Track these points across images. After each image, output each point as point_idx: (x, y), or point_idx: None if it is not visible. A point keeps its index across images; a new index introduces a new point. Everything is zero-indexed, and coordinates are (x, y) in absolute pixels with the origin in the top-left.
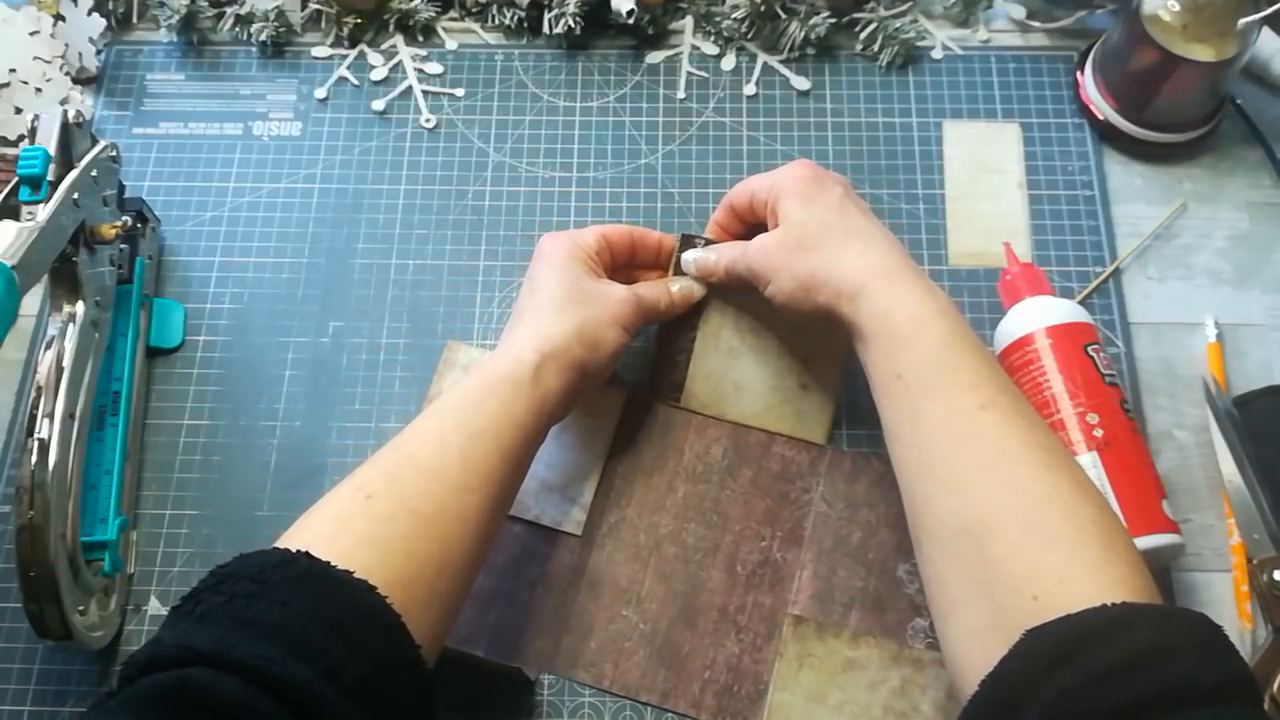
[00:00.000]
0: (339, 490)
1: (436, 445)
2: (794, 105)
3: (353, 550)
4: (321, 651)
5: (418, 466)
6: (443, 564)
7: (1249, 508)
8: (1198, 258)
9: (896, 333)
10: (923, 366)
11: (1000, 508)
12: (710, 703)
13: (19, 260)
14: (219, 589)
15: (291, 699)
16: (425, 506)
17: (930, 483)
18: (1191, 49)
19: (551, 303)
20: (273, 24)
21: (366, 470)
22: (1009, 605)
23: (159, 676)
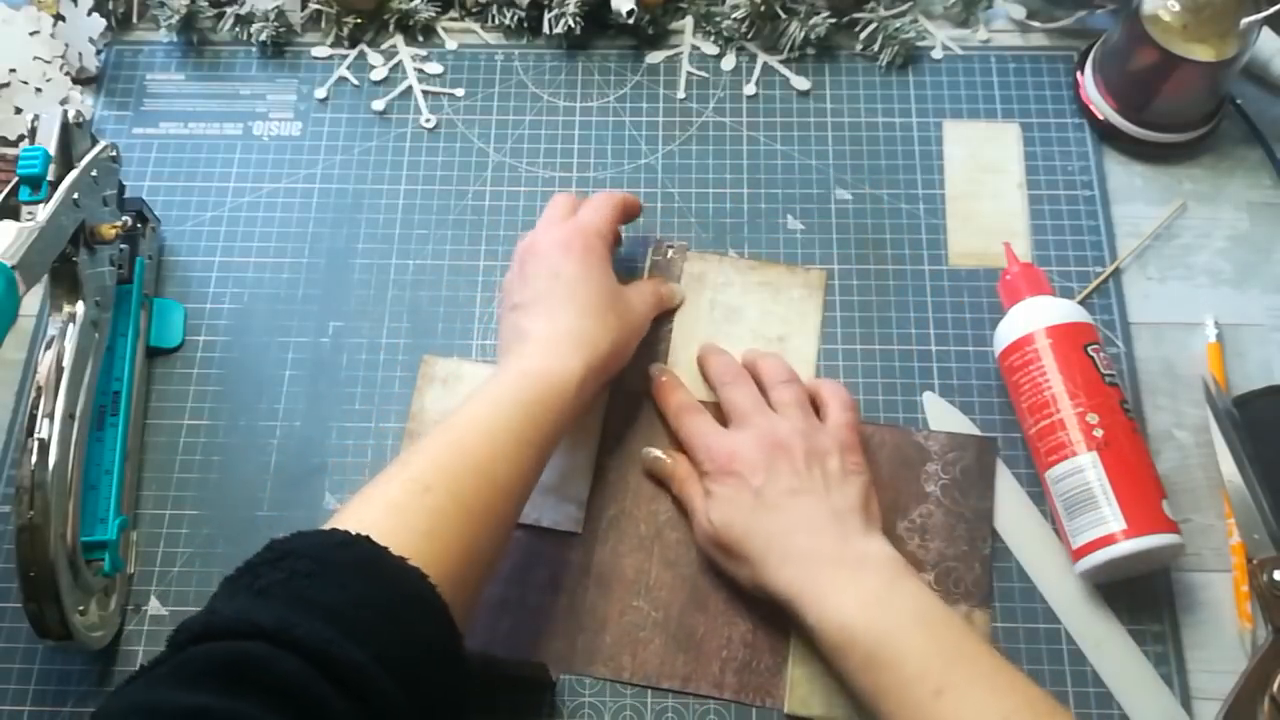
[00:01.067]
0: (392, 477)
1: (490, 447)
2: (794, 105)
3: (411, 541)
4: (376, 636)
5: (471, 465)
6: (483, 561)
7: (1249, 508)
8: (1198, 258)
9: (832, 644)
10: (866, 671)
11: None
12: (731, 680)
13: (19, 260)
14: (279, 565)
15: (347, 681)
16: (477, 505)
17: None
18: (1191, 49)
19: (593, 310)
20: (273, 24)
21: (420, 460)
22: None
23: (214, 646)
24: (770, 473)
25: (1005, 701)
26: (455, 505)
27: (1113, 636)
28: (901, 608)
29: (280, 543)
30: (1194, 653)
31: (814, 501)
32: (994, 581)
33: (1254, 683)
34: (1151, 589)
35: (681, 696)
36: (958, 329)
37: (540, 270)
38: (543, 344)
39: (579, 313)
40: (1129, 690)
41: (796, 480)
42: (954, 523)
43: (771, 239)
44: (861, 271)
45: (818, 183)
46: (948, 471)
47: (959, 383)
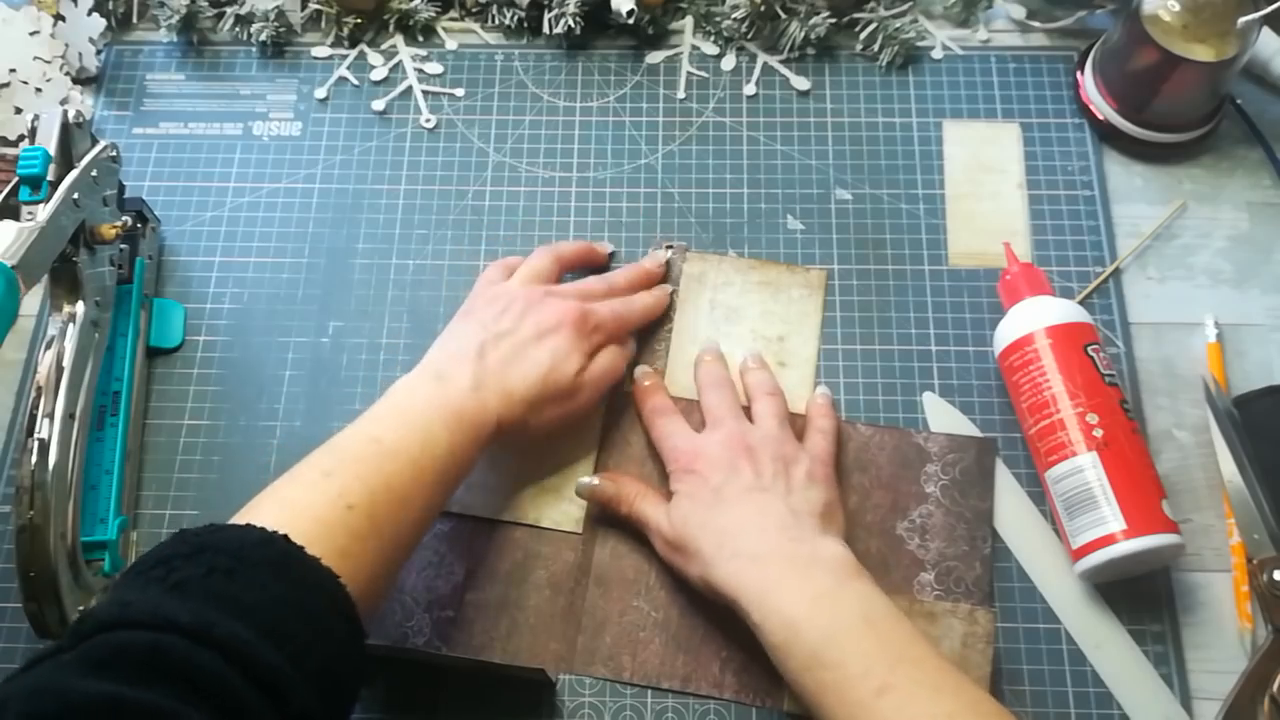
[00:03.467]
0: (312, 486)
1: (414, 480)
2: (794, 105)
3: (327, 556)
4: (293, 637)
5: (394, 494)
6: (388, 583)
7: (1249, 508)
8: (1198, 258)
9: (776, 641)
10: (809, 669)
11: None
12: (731, 681)
13: (19, 260)
14: (195, 559)
15: (264, 682)
16: (390, 531)
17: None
18: (1191, 49)
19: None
20: (273, 24)
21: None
22: None
23: (125, 635)
24: (732, 471)
25: (948, 703)
26: (372, 529)
27: (1113, 636)
28: (849, 608)
29: (194, 535)
30: (1194, 653)
31: (771, 500)
32: (994, 581)
33: (1254, 683)
34: (1151, 589)
35: (681, 696)
36: (958, 329)
37: (530, 323)
38: (482, 390)
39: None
40: (1129, 690)
41: (756, 480)
42: (954, 523)
43: (771, 239)
44: (861, 271)
45: (818, 183)
46: (948, 472)
47: (959, 383)
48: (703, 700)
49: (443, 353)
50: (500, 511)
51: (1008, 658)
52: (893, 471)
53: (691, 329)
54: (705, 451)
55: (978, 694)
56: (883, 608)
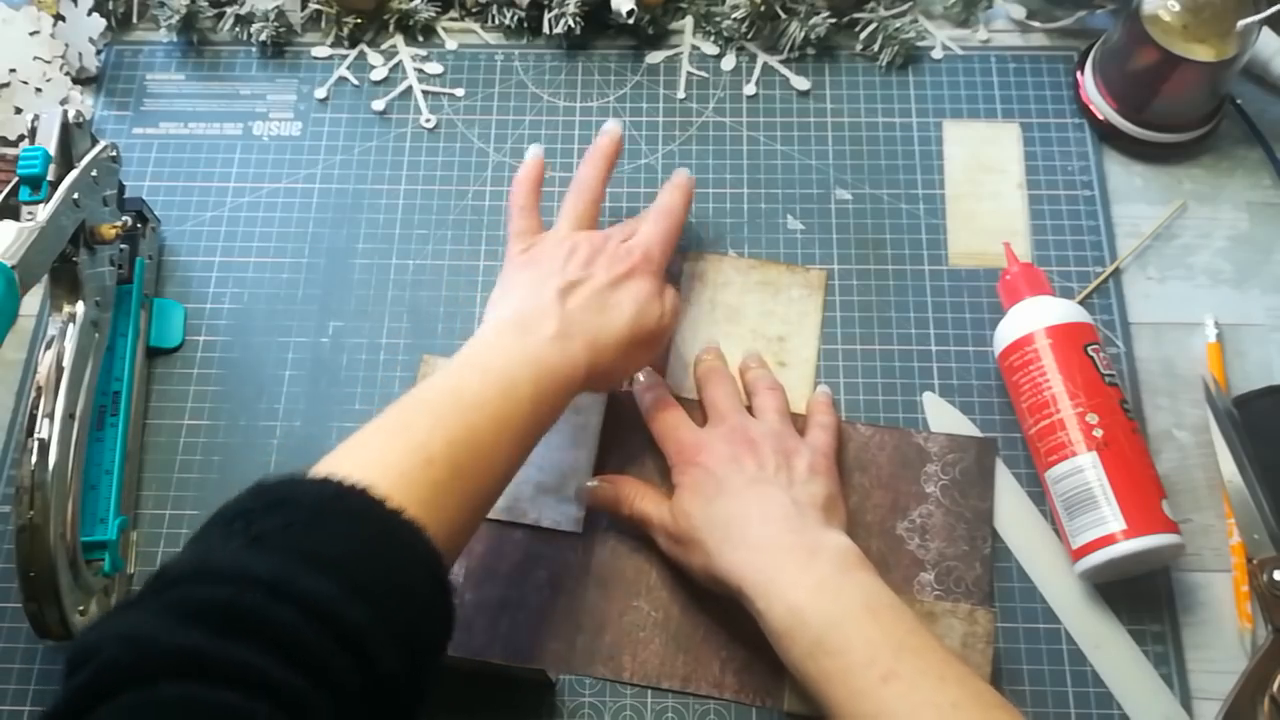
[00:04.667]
0: (392, 438)
1: (495, 434)
2: (794, 105)
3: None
4: (377, 594)
5: (476, 448)
6: (468, 536)
7: (1249, 508)
8: (1198, 258)
9: (780, 629)
10: (813, 657)
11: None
12: (731, 681)
13: (19, 260)
14: (275, 512)
15: (348, 639)
16: (472, 486)
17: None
18: (1191, 49)
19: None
20: (273, 24)
21: (424, 427)
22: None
23: (206, 589)
24: (734, 464)
25: (952, 692)
26: (455, 482)
27: (1113, 636)
28: (852, 596)
29: (272, 487)
30: (1194, 653)
31: (774, 491)
32: (994, 581)
33: (1254, 683)
34: (1151, 589)
35: (681, 696)
36: (958, 329)
37: (602, 271)
38: (567, 339)
39: (615, 333)
40: (1129, 690)
41: (759, 472)
42: (954, 523)
43: (771, 239)
44: (861, 271)
45: (818, 183)
46: (948, 472)
47: (959, 383)
48: (703, 700)
49: (517, 303)
50: (500, 512)
51: (1008, 658)
52: (893, 471)
53: (692, 329)
54: (708, 444)
55: (981, 685)
56: (886, 597)
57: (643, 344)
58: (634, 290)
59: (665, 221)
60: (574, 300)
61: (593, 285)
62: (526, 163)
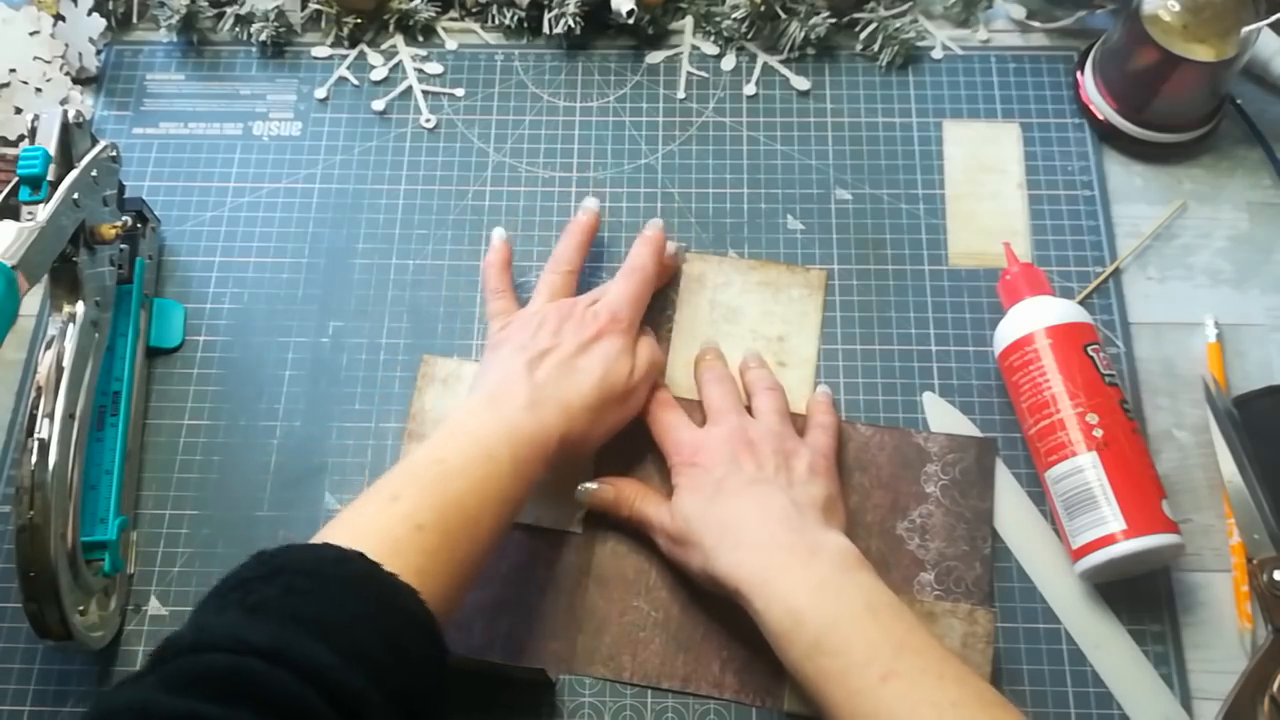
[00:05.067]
0: (381, 508)
1: (479, 500)
2: (794, 105)
3: (405, 576)
4: (374, 659)
5: (462, 515)
6: (464, 593)
7: (1249, 508)
8: (1198, 258)
9: (778, 629)
10: (812, 657)
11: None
12: (731, 681)
13: (19, 260)
14: (272, 581)
15: (344, 704)
16: (461, 551)
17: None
18: (1191, 49)
19: (598, 403)
20: (273, 24)
21: (412, 497)
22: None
23: (204, 658)
24: (734, 465)
25: (951, 690)
26: (445, 548)
27: (1113, 636)
28: (852, 596)
29: (270, 556)
30: (1194, 653)
31: (773, 492)
32: (994, 581)
33: (1254, 683)
34: (1151, 589)
35: (681, 696)
36: (958, 329)
37: (570, 337)
38: (539, 407)
39: (584, 396)
40: (1129, 690)
41: (759, 473)
42: (954, 523)
43: (771, 239)
44: (861, 271)
45: (818, 183)
46: (947, 472)
47: (959, 383)
48: (703, 700)
49: (490, 382)
50: None
51: (1008, 658)
52: (893, 471)
53: (691, 329)
54: (707, 445)
55: (980, 683)
56: (885, 597)
57: (614, 402)
58: (601, 352)
59: (633, 279)
60: (542, 370)
61: (560, 353)
62: (494, 246)
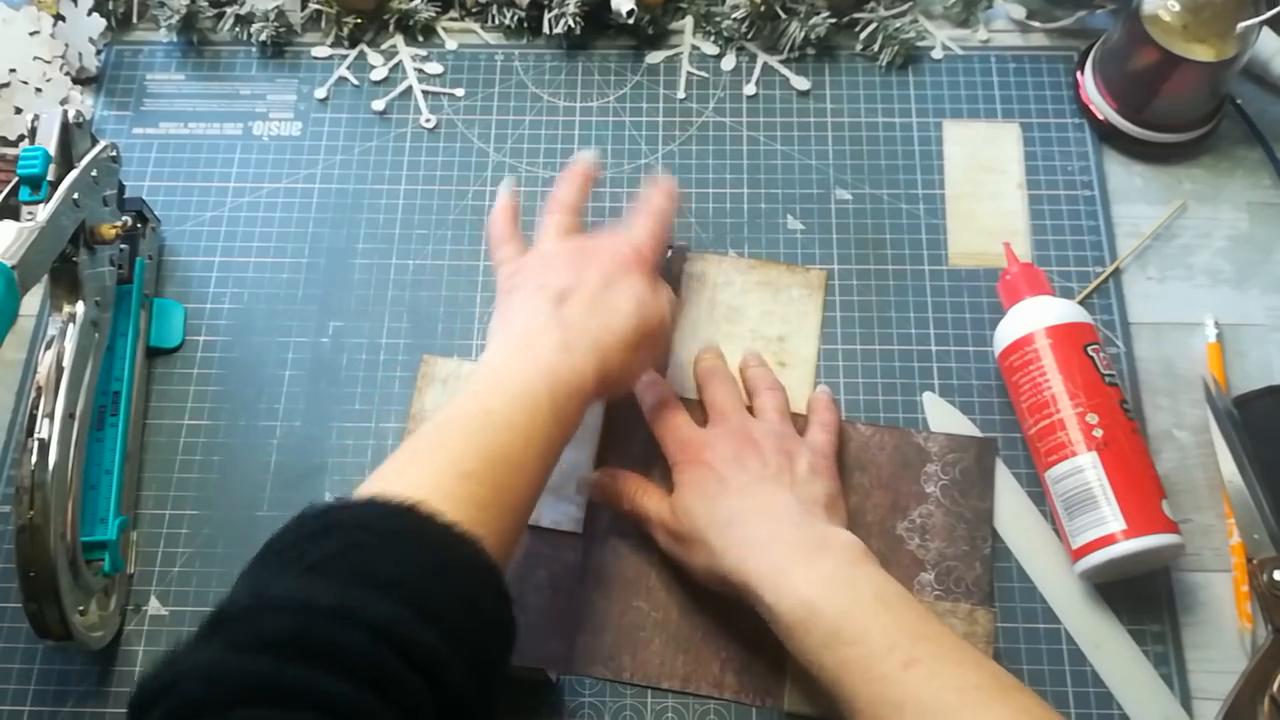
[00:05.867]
0: (427, 458)
1: (524, 447)
2: (794, 105)
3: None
4: (444, 613)
5: (507, 461)
6: (510, 551)
7: (1249, 508)
8: (1198, 258)
9: (791, 621)
10: (830, 647)
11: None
12: (731, 681)
13: (19, 260)
14: (328, 537)
15: (420, 662)
16: (509, 498)
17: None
18: (1191, 49)
19: (629, 340)
20: (273, 24)
21: (457, 445)
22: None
23: (272, 620)
24: (738, 463)
25: (972, 675)
26: (493, 496)
27: (1113, 636)
28: (864, 588)
29: (318, 515)
30: (1194, 653)
31: (777, 490)
32: (994, 581)
33: (1254, 683)
34: (1151, 589)
35: (681, 697)
36: (958, 329)
37: (593, 273)
38: (571, 348)
39: (619, 332)
40: (1129, 690)
41: (762, 471)
42: (954, 523)
43: (771, 239)
44: (861, 271)
45: (818, 183)
46: (947, 472)
47: (959, 383)
48: (702, 700)
49: (517, 325)
50: None
51: (1008, 658)
52: (893, 471)
53: (691, 328)
54: (710, 443)
55: (996, 667)
56: (895, 588)
57: (648, 341)
58: (630, 288)
59: (653, 220)
60: (570, 308)
61: (587, 290)
62: (499, 196)
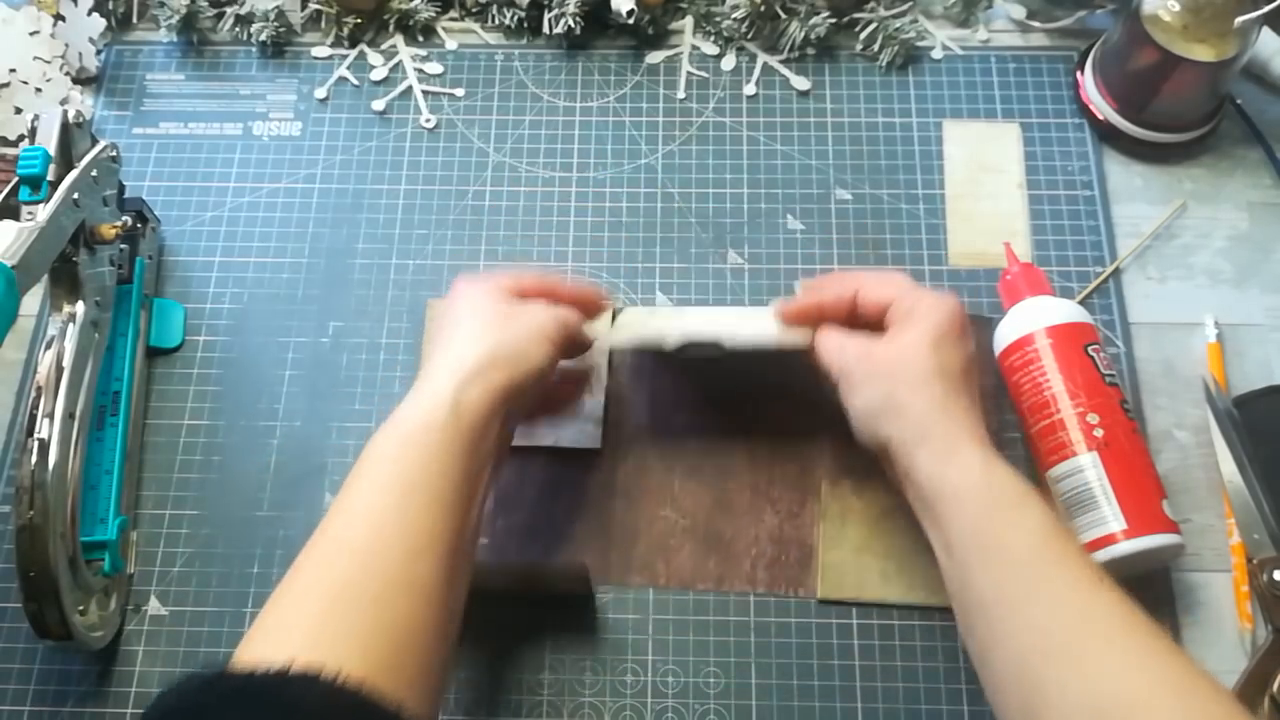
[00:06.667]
0: (275, 596)
1: (365, 518)
2: (794, 105)
3: (303, 653)
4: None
5: (353, 547)
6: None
7: (1249, 508)
8: (1198, 258)
9: (996, 495)
10: (1036, 534)
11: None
12: (763, 576)
13: (19, 260)
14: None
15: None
16: (370, 587)
17: (1056, 664)
18: (1191, 49)
19: (466, 332)
20: (273, 24)
21: (302, 564)
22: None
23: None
24: (972, 344)
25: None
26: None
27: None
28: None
29: (201, 689)
30: (1194, 652)
31: (968, 388)
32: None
33: (1254, 683)
34: (1151, 589)
35: (681, 697)
36: None
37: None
38: (416, 385)
39: (446, 341)
40: None
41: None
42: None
43: (771, 239)
44: None
45: (818, 183)
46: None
47: None
48: (702, 700)
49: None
50: (520, 437)
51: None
52: None
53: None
54: (948, 317)
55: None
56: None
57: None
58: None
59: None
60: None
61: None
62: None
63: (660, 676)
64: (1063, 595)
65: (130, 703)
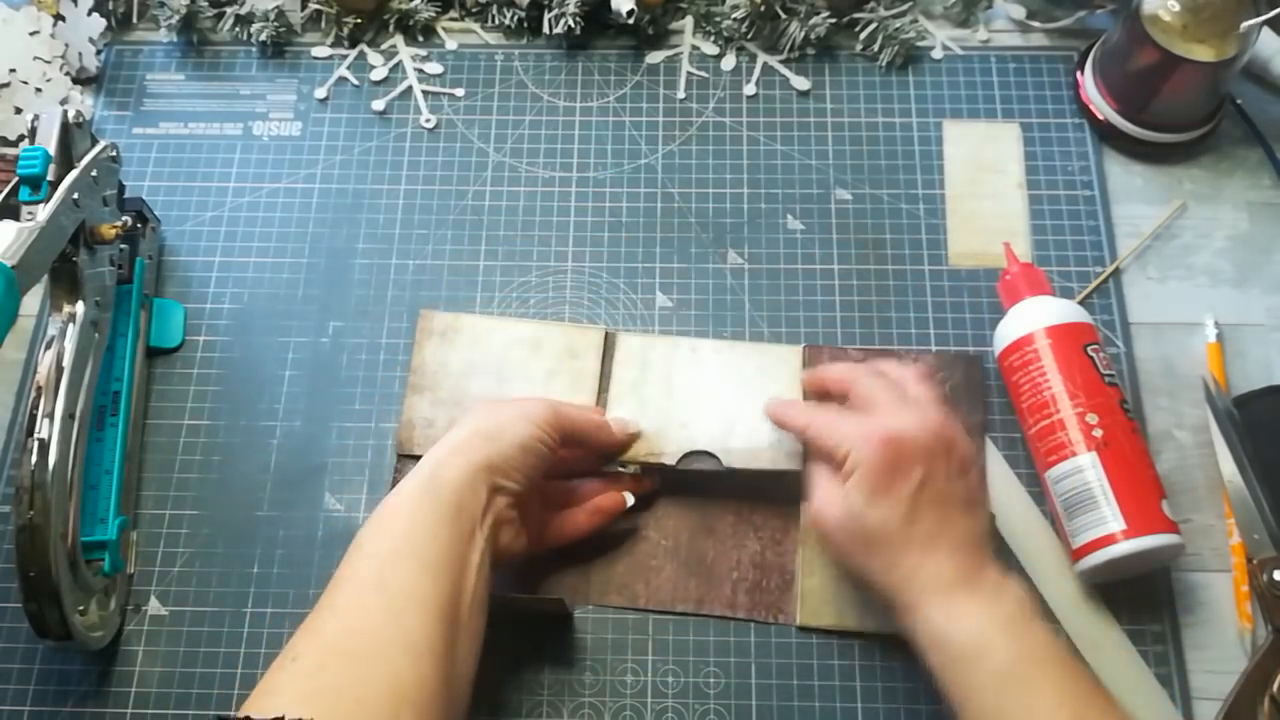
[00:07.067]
0: (271, 667)
1: (352, 581)
2: (794, 105)
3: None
4: None
5: (336, 610)
6: (398, 696)
7: (1249, 508)
8: (1198, 258)
9: (958, 655)
10: (993, 691)
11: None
12: (743, 600)
13: (19, 260)
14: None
15: None
16: (359, 646)
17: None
18: (1191, 49)
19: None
20: (273, 24)
21: (296, 633)
22: None
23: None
24: (928, 470)
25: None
26: (330, 657)
27: (1112, 637)
28: (1037, 638)
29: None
30: (1194, 653)
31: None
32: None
33: (1254, 683)
34: (1151, 589)
35: (681, 696)
36: (958, 329)
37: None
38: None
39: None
40: (1128, 691)
41: (947, 486)
42: None
43: (771, 239)
44: (861, 271)
45: (818, 183)
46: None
47: None
48: (702, 700)
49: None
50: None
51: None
52: None
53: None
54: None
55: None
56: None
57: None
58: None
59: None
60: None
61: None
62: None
63: (660, 676)
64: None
65: (130, 703)
